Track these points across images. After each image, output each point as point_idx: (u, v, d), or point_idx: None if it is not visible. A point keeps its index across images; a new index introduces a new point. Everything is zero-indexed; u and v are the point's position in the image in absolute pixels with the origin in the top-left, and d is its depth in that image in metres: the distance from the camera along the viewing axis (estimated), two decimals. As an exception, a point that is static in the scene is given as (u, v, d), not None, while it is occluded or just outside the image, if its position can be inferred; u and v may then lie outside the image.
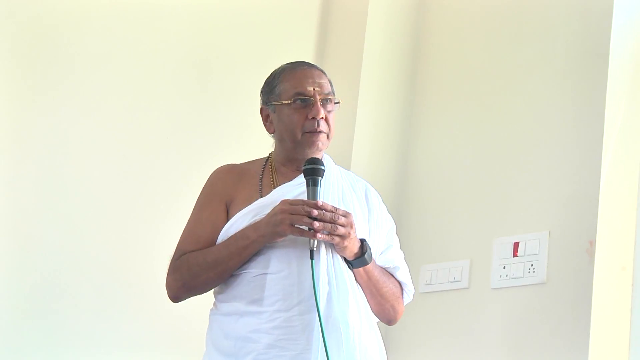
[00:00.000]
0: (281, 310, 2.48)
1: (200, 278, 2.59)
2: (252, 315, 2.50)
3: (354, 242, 2.55)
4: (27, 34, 3.60)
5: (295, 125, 2.65)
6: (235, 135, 4.01)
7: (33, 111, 3.59)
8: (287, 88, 2.69)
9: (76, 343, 3.55)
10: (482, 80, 3.96)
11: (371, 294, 2.66)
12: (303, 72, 2.71)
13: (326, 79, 2.72)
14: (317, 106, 2.64)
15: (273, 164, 2.74)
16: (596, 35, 3.50)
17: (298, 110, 2.66)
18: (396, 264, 2.75)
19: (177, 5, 3.96)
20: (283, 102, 2.68)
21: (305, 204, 2.49)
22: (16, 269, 3.48)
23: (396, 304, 2.73)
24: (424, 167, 4.10)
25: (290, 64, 2.77)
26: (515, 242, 3.57)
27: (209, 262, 2.57)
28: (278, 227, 2.49)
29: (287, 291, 2.49)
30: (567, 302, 3.35)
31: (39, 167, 3.57)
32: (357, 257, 2.58)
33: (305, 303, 2.47)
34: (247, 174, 2.72)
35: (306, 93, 2.66)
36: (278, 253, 2.53)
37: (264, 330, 2.47)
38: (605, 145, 3.37)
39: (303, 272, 2.49)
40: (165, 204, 3.78)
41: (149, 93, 3.86)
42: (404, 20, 4.33)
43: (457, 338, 3.70)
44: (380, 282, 2.66)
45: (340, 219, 2.50)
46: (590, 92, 3.46)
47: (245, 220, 2.58)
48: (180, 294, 2.64)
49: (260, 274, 2.53)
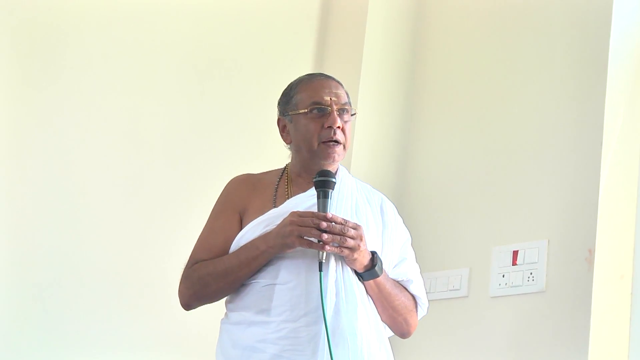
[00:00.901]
0: (288, 321, 2.48)
1: (211, 287, 2.60)
2: (260, 325, 2.50)
3: (364, 254, 2.55)
4: (27, 34, 3.59)
5: (311, 134, 2.66)
6: (235, 137, 4.01)
7: (33, 113, 3.59)
8: (303, 98, 2.69)
9: (77, 345, 3.55)
10: (480, 88, 3.96)
11: (383, 307, 2.65)
12: (320, 82, 2.72)
13: (343, 90, 2.73)
14: (334, 115, 2.65)
15: (289, 175, 2.74)
16: (595, 40, 3.51)
17: (315, 120, 2.66)
18: (410, 277, 2.73)
19: (178, 6, 3.96)
20: (300, 112, 2.68)
21: (314, 216, 2.49)
22: (17, 269, 3.48)
23: (409, 317, 2.72)
24: (422, 175, 4.10)
25: (308, 75, 2.79)
26: (514, 250, 3.57)
27: (219, 271, 2.58)
28: (287, 239, 2.49)
29: (295, 302, 2.49)
30: (567, 310, 3.34)
31: (39, 167, 3.57)
32: (368, 269, 2.57)
33: (312, 314, 2.47)
34: (262, 184, 2.73)
35: (323, 102, 2.66)
36: (287, 264, 2.53)
37: (270, 340, 2.47)
38: (604, 153, 3.37)
39: (311, 283, 2.49)
40: (163, 206, 3.79)
41: (149, 95, 3.86)
42: (404, 24, 4.33)
43: (456, 346, 3.70)
44: (392, 294, 2.65)
45: (350, 231, 2.50)
46: (589, 98, 3.46)
47: (257, 230, 2.59)
48: (191, 302, 2.66)
49: (269, 284, 2.53)
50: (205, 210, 2.98)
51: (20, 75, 3.57)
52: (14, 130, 3.53)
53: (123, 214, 3.71)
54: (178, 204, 3.82)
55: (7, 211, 3.49)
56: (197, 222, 2.79)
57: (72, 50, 3.69)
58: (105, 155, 3.71)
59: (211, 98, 4.02)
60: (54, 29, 3.65)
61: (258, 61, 4.11)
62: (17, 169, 3.53)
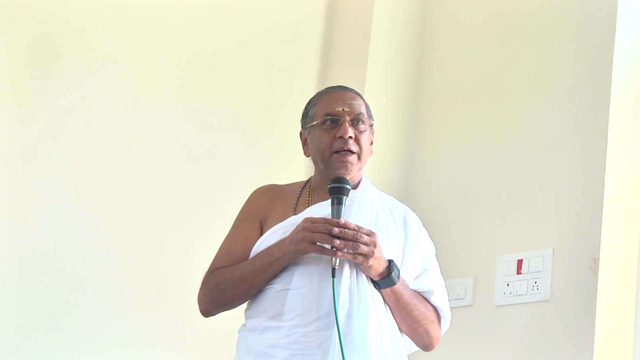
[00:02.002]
0: (299, 326, 2.48)
1: (227, 294, 2.62)
2: (272, 331, 2.52)
3: (379, 261, 2.54)
4: (29, 36, 3.59)
5: (324, 145, 2.68)
6: (242, 140, 4.02)
7: (35, 115, 3.59)
8: (318, 110, 2.73)
9: (80, 348, 3.55)
10: (485, 98, 3.97)
11: (401, 317, 2.64)
12: (335, 94, 2.75)
13: (360, 101, 2.75)
14: (345, 126, 2.66)
15: (312, 186, 2.77)
16: (600, 48, 3.51)
17: (328, 131, 2.69)
18: (431, 288, 2.72)
19: (184, 10, 3.97)
20: (314, 124, 2.71)
21: (327, 222, 2.50)
22: (20, 272, 3.48)
23: (430, 329, 2.70)
24: (427, 183, 4.10)
25: (326, 88, 2.83)
26: (519, 259, 3.57)
27: (236, 278, 2.60)
28: (299, 245, 2.51)
29: (306, 307, 2.49)
30: (571, 319, 3.34)
31: (42, 169, 3.57)
32: (384, 277, 2.57)
33: (324, 319, 2.47)
34: (285, 194, 2.76)
35: (335, 113, 2.69)
36: (301, 269, 2.54)
37: (281, 345, 2.48)
38: (609, 163, 3.38)
39: (323, 288, 2.49)
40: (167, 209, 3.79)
41: (153, 98, 3.86)
42: (409, 26, 4.34)
43: (461, 355, 3.69)
44: (411, 304, 2.64)
45: (363, 238, 2.50)
46: (594, 109, 3.47)
47: (276, 236, 2.60)
48: (209, 309, 2.68)
49: (283, 289, 2.54)
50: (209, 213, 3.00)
51: (22, 77, 3.57)
52: (16, 133, 3.53)
53: (127, 217, 3.71)
54: (182, 207, 3.82)
55: (10, 213, 3.49)
56: (201, 225, 2.81)
57: (76, 53, 3.70)
58: (110, 158, 3.71)
59: (217, 101, 4.02)
60: (56, 31, 3.66)
61: (263, 64, 4.12)
62: (19, 171, 3.53)
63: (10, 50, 3.55)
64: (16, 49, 3.56)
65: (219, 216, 3.10)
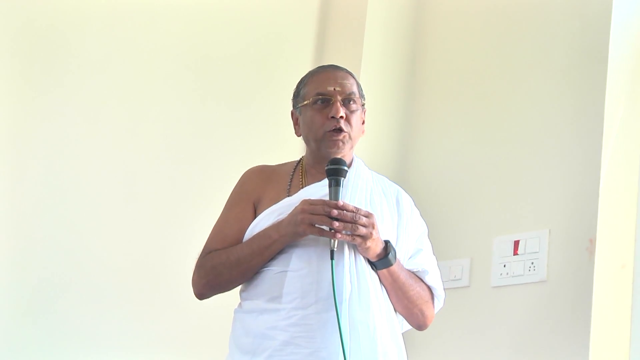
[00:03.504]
0: (298, 308, 2.48)
1: (224, 276, 2.61)
2: (271, 313, 2.51)
3: (377, 243, 2.54)
4: (27, 36, 3.59)
5: (317, 125, 2.67)
6: (237, 134, 4.02)
7: (35, 113, 3.59)
8: (310, 90, 2.72)
9: (82, 343, 3.55)
10: (481, 80, 3.97)
11: (397, 297, 2.64)
12: (326, 73, 2.74)
13: (352, 80, 2.74)
14: (337, 105, 2.65)
15: (304, 166, 2.75)
16: (595, 34, 3.51)
17: (320, 111, 2.68)
18: (425, 267, 2.72)
19: (177, 6, 3.96)
20: (305, 104, 2.71)
21: (325, 204, 2.49)
22: (19, 269, 3.48)
23: (425, 308, 2.71)
24: (423, 166, 4.10)
25: (318, 67, 2.81)
26: (515, 240, 3.58)
27: (232, 260, 2.59)
28: (298, 227, 2.50)
29: (306, 289, 2.49)
30: (568, 300, 3.35)
31: (41, 167, 3.57)
32: (381, 258, 2.57)
33: (323, 302, 2.47)
34: (277, 174, 2.75)
35: (326, 93, 2.68)
36: (299, 251, 2.53)
37: (281, 328, 2.48)
38: (605, 144, 3.38)
39: (322, 271, 2.49)
40: (166, 204, 3.79)
41: (149, 94, 3.86)
42: (403, 22, 4.33)
43: (457, 336, 3.70)
44: (407, 284, 2.64)
45: (362, 219, 2.50)
46: (590, 90, 3.47)
47: (270, 219, 2.59)
48: (204, 292, 2.67)
49: (281, 271, 2.53)
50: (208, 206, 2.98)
51: (21, 75, 3.56)
52: (16, 131, 3.53)
53: (127, 212, 3.71)
54: (181, 201, 3.82)
55: (10, 210, 3.49)
56: (199, 218, 2.80)
57: (74, 51, 3.69)
58: (109, 154, 3.71)
59: (212, 96, 4.02)
60: (54, 30, 3.65)
61: (258, 59, 4.11)
62: (20, 168, 3.53)
63: (9, 48, 3.54)
64: (15, 46, 3.56)
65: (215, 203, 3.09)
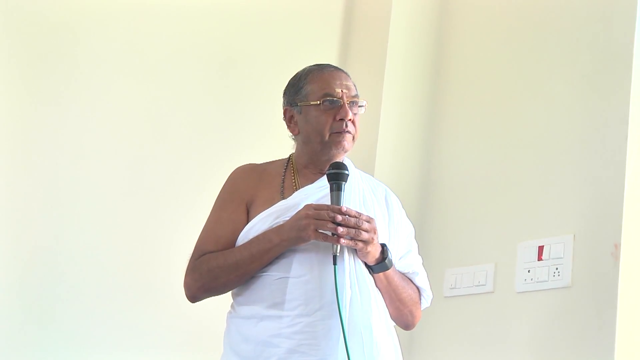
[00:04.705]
0: (303, 315, 2.47)
1: (220, 280, 2.58)
2: (273, 320, 2.49)
3: (376, 247, 2.55)
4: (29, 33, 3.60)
5: (323, 126, 2.66)
6: (256, 136, 4.01)
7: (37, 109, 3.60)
8: (315, 89, 2.69)
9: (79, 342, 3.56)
10: (505, 83, 3.96)
11: (390, 299, 2.65)
12: (330, 74, 2.72)
13: (351, 81, 2.74)
14: (346, 108, 2.65)
15: (295, 166, 2.73)
16: (619, 38, 3.49)
17: (326, 112, 2.66)
18: (415, 269, 2.74)
19: (199, 5, 3.97)
20: (311, 103, 2.69)
21: (329, 209, 2.49)
22: (19, 270, 3.49)
23: (414, 309, 2.73)
24: (447, 170, 4.09)
25: (316, 65, 2.78)
26: (540, 245, 3.56)
27: (230, 264, 2.56)
28: (302, 232, 2.49)
29: (309, 296, 2.48)
30: (593, 305, 3.33)
31: (42, 167, 3.58)
32: (379, 262, 2.58)
33: (328, 308, 2.46)
34: (268, 174, 2.72)
35: (334, 94, 2.67)
36: (300, 257, 2.52)
37: (285, 335, 2.46)
38: (630, 148, 3.35)
39: (324, 276, 2.48)
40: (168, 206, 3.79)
41: (168, 93, 3.87)
42: (427, 23, 4.33)
43: (482, 342, 3.69)
44: (400, 287, 2.66)
45: (364, 225, 2.50)
46: (614, 94, 3.45)
47: (267, 222, 2.58)
48: (198, 295, 2.64)
49: (282, 277, 2.52)
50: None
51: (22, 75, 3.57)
52: (16, 131, 3.54)
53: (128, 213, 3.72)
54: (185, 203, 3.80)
55: (10, 209, 3.50)
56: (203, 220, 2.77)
57: (77, 50, 3.69)
58: (113, 156, 3.71)
59: (234, 99, 4.02)
60: (56, 28, 3.65)
61: (281, 63, 4.09)
62: (21, 166, 3.53)
63: (11, 48, 3.56)
64: (17, 46, 3.57)
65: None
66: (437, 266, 3.91)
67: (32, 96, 3.59)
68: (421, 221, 4.04)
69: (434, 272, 3.89)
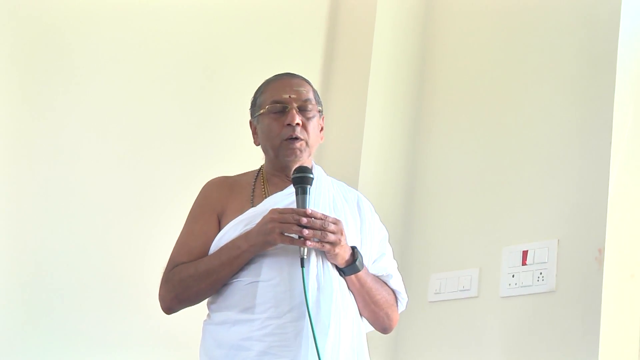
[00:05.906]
0: (273, 317, 2.48)
1: (192, 289, 2.60)
2: (244, 323, 2.51)
3: (345, 249, 2.56)
4: (29, 35, 3.62)
5: (273, 133, 2.69)
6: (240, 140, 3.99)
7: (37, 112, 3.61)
8: (265, 98, 2.73)
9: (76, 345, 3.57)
10: (489, 88, 3.97)
11: (364, 302, 2.66)
12: (281, 81, 2.75)
13: (308, 87, 2.75)
14: (292, 112, 2.66)
15: (264, 175, 2.76)
16: (603, 42, 3.50)
17: (276, 119, 2.69)
18: (389, 272, 2.76)
19: (184, 7, 3.98)
20: (261, 112, 2.71)
21: (294, 212, 2.50)
22: (17, 271, 3.50)
23: (390, 312, 2.74)
24: (432, 174, 4.10)
25: (274, 75, 2.81)
26: (524, 250, 3.57)
27: (201, 273, 2.58)
28: (268, 236, 2.50)
29: (279, 298, 2.49)
30: (577, 310, 3.34)
31: (39, 169, 3.59)
32: (349, 264, 2.59)
33: (297, 310, 2.48)
34: (239, 185, 2.74)
35: (281, 100, 2.69)
36: (269, 261, 2.54)
37: (256, 338, 2.47)
38: (614, 153, 3.36)
39: (294, 279, 2.50)
40: (165, 209, 3.79)
41: (153, 96, 3.88)
42: (412, 26, 4.34)
43: (466, 347, 3.69)
44: (373, 289, 2.67)
45: (330, 226, 2.51)
46: (598, 98, 3.45)
47: (237, 230, 2.59)
48: (172, 306, 2.65)
49: (252, 282, 2.53)
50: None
51: (23, 76, 3.59)
52: (17, 133, 3.56)
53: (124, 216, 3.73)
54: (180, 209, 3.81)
55: (10, 211, 3.52)
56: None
57: (78, 50, 3.71)
58: (107, 158, 3.73)
59: (218, 100, 4.03)
60: (57, 30, 3.68)
61: (265, 66, 4.08)
62: (20, 169, 3.55)
63: (10, 49, 3.57)
64: (17, 47, 3.59)
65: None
66: (422, 271, 3.92)
67: (33, 97, 3.61)
68: (406, 226, 4.05)
69: (418, 277, 3.91)
